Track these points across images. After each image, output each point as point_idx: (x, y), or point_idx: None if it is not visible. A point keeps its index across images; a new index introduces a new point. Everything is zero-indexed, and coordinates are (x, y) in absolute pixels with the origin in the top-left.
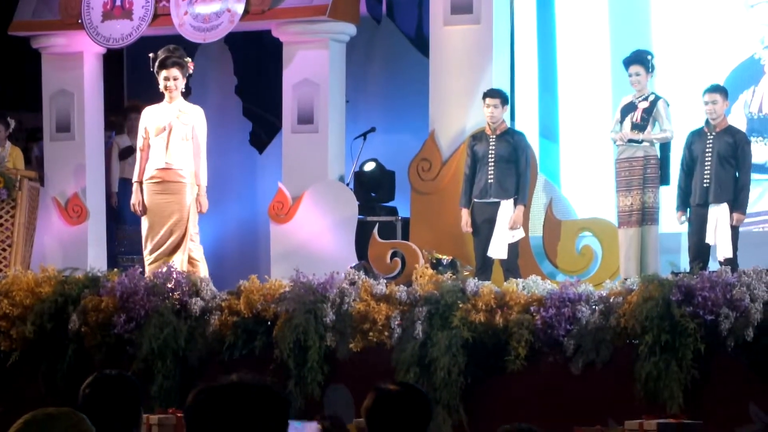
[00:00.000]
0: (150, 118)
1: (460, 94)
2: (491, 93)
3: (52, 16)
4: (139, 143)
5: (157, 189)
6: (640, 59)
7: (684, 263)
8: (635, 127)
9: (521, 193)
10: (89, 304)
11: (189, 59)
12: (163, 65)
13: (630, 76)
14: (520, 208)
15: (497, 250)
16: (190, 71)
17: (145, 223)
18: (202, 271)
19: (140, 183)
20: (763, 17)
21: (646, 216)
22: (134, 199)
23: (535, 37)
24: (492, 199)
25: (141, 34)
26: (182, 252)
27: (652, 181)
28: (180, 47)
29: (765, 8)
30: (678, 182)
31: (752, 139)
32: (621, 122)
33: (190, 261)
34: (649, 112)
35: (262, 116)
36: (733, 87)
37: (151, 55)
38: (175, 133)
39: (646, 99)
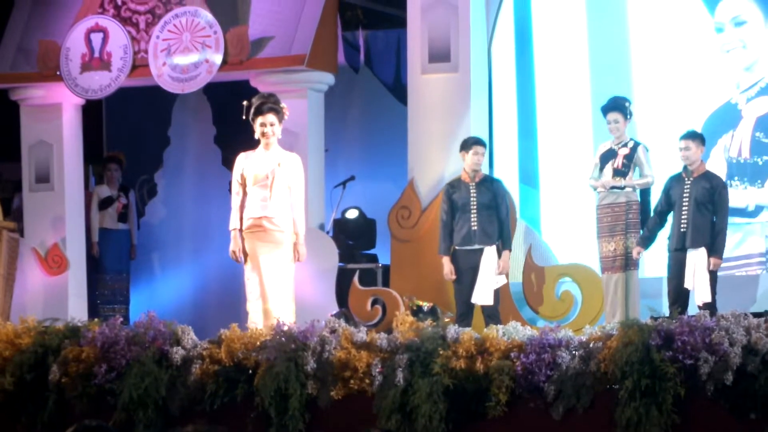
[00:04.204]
0: (248, 165)
1: (438, 141)
2: (481, 141)
3: (30, 69)
4: (235, 188)
5: (258, 238)
6: (617, 106)
7: (663, 308)
8: (617, 173)
9: (506, 239)
10: (70, 354)
11: (284, 105)
12: (259, 111)
13: (609, 123)
14: (506, 253)
15: (483, 296)
16: (286, 117)
17: (249, 271)
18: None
19: (239, 230)
20: (739, 62)
21: (628, 261)
22: (233, 246)
23: (514, 83)
24: (476, 246)
25: (120, 85)
26: (291, 301)
27: (634, 227)
28: (274, 93)
29: (740, 53)
30: (648, 221)
31: (732, 182)
32: (601, 169)
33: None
34: (630, 158)
35: None
36: (711, 131)
37: (244, 103)
38: (278, 182)
39: (625, 145)
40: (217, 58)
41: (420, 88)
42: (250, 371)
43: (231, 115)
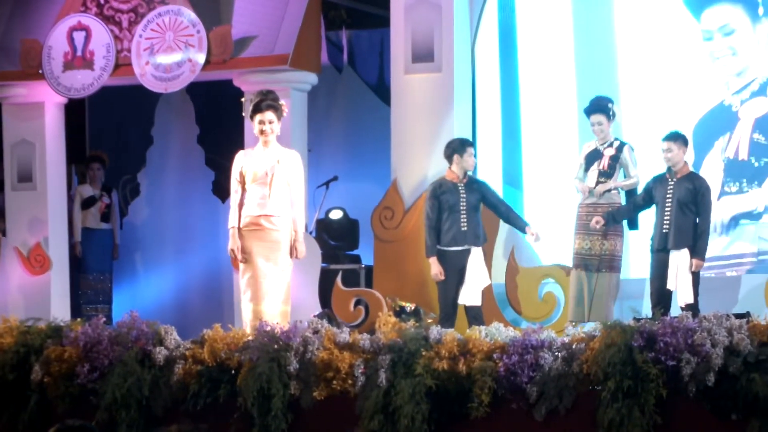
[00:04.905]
0: (247, 162)
1: (422, 142)
2: (473, 143)
3: (12, 67)
4: (233, 186)
5: (256, 236)
6: (600, 108)
7: (646, 309)
8: (602, 174)
9: (519, 220)
10: (52, 354)
11: (283, 102)
12: (258, 109)
13: (592, 125)
14: (528, 228)
15: (472, 296)
16: (285, 114)
17: (245, 270)
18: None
19: (237, 228)
20: (729, 68)
21: (603, 263)
22: (232, 244)
23: (498, 83)
24: (465, 247)
25: (102, 84)
26: (286, 303)
27: (614, 229)
28: (273, 91)
29: (730, 60)
30: (623, 206)
31: (731, 184)
32: (586, 169)
33: None
34: (616, 159)
35: (225, 166)
36: (705, 133)
37: (242, 99)
38: (277, 180)
39: (611, 145)
40: (201, 58)
41: (403, 88)
42: (233, 371)
43: (214, 114)
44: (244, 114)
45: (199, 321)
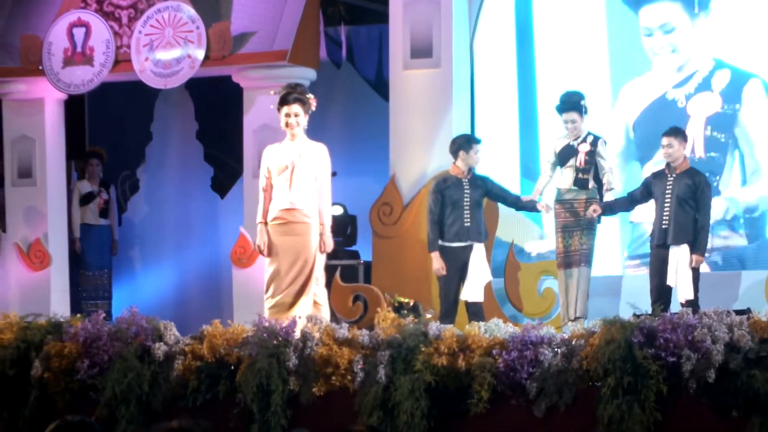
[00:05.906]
0: (272, 157)
1: (420, 137)
2: (479, 140)
3: (12, 63)
4: (262, 183)
5: (282, 230)
6: (573, 105)
7: (645, 305)
8: (580, 170)
9: (530, 204)
10: (52, 350)
11: (311, 95)
12: (285, 101)
13: (565, 123)
14: (540, 204)
15: (474, 292)
16: (312, 108)
17: (269, 265)
18: (325, 314)
19: (264, 224)
20: (669, 64)
21: (583, 257)
22: (259, 240)
23: (515, 77)
24: (467, 243)
25: (102, 80)
26: (307, 295)
27: (591, 224)
28: (302, 84)
29: (670, 57)
30: (621, 197)
31: None
32: (561, 166)
33: (314, 304)
34: (592, 154)
35: (224, 161)
36: (648, 128)
37: (272, 92)
38: (298, 172)
39: (585, 140)
40: (200, 54)
41: (402, 84)
42: (233, 367)
43: (213, 110)
44: (272, 107)
45: (198, 317)
